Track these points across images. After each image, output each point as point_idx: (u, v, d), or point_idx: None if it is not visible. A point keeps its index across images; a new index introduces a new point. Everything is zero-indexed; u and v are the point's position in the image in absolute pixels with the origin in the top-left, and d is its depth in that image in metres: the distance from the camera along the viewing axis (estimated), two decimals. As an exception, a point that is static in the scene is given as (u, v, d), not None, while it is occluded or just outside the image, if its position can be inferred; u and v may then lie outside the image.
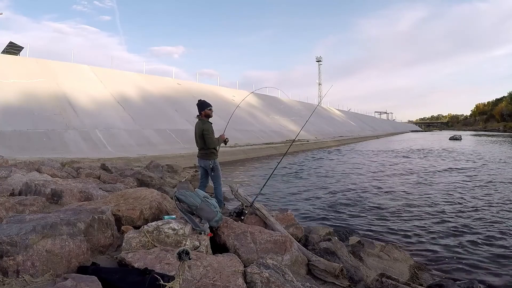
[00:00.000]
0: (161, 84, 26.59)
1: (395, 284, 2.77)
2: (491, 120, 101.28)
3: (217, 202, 3.42)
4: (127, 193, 4.04)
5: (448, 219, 5.89)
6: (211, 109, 4.78)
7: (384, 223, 5.68)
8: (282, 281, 2.40)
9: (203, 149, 4.75)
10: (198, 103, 4.83)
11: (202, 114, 4.76)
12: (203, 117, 4.75)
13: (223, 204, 4.94)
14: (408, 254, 4.21)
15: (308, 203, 7.26)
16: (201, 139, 4.70)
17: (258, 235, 3.20)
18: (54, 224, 2.41)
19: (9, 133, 12.67)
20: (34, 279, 2.11)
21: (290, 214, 4.25)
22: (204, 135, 4.62)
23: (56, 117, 15.20)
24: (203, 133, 4.63)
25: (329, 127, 42.89)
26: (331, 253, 3.50)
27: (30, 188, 4.44)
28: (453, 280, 3.32)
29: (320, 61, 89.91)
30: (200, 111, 4.77)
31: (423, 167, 13.70)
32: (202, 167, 4.89)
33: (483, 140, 39.13)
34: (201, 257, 2.49)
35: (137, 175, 7.48)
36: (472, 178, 10.55)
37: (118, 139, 15.36)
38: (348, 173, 12.10)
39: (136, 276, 2.13)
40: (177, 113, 21.97)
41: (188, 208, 3.11)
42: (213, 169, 4.71)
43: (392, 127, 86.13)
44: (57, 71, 19.60)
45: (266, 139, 23.82)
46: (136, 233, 2.76)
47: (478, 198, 7.60)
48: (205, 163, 4.75)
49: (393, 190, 8.70)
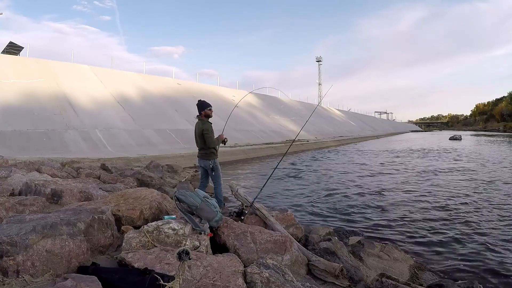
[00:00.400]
0: (161, 84, 26.59)
1: (395, 284, 2.77)
2: (491, 120, 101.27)
3: (217, 202, 3.41)
4: (127, 193, 4.05)
5: (448, 219, 5.89)
6: (211, 109, 4.79)
7: (384, 223, 5.68)
8: (282, 281, 2.40)
9: (203, 149, 4.76)
10: (198, 103, 4.83)
11: (202, 114, 4.77)
12: (203, 117, 4.77)
13: (223, 204, 4.92)
14: (408, 254, 4.21)
15: (308, 203, 7.25)
16: (201, 139, 4.71)
17: (258, 235, 3.20)
18: (54, 224, 2.41)
19: (9, 133, 12.67)
20: (34, 279, 2.11)
21: (290, 214, 4.25)
22: (204, 135, 4.63)
23: (56, 117, 15.20)
24: (203, 133, 4.64)
25: (329, 127, 42.89)
26: (331, 253, 3.50)
27: (30, 188, 4.44)
28: (453, 280, 3.32)
29: (320, 61, 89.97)
30: (200, 111, 4.78)
31: (423, 167, 13.70)
32: (202, 167, 4.89)
33: (483, 140, 39.14)
34: (201, 257, 2.49)
35: (137, 175, 7.48)
36: (472, 178, 10.55)
37: (118, 139, 15.36)
38: (348, 173, 12.10)
39: (136, 276, 2.13)
40: (177, 113, 21.97)
41: (188, 208, 3.11)
42: (213, 169, 4.72)
43: (392, 127, 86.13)
44: (57, 71, 19.60)
45: (266, 139, 23.83)
46: (136, 233, 2.76)
47: (478, 198, 7.60)
48: (205, 163, 4.75)
49: (393, 190, 8.70)
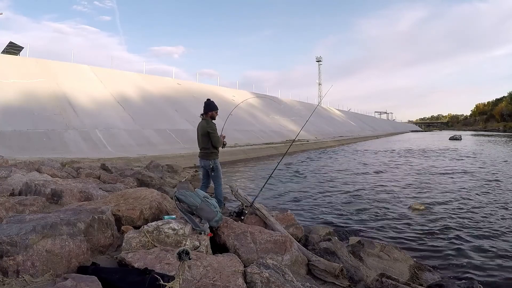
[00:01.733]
0: (161, 84, 26.59)
1: (395, 284, 2.77)
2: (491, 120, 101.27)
3: (217, 202, 3.40)
4: (127, 193, 4.04)
5: (448, 219, 5.88)
6: (217, 112, 4.79)
7: (385, 223, 5.68)
8: (282, 281, 2.40)
9: (204, 149, 4.71)
10: (207, 102, 4.77)
11: (208, 115, 4.72)
12: (208, 117, 4.72)
13: (223, 204, 4.90)
14: (408, 254, 4.21)
15: (308, 203, 7.25)
16: (204, 138, 4.65)
17: (258, 235, 3.20)
18: (54, 224, 2.41)
19: (9, 133, 12.67)
20: (34, 279, 2.11)
21: (290, 214, 4.25)
22: (210, 134, 4.57)
23: (56, 117, 15.20)
24: (208, 132, 4.58)
25: (329, 127, 42.89)
26: (331, 253, 3.49)
27: (30, 188, 4.44)
28: (453, 280, 3.32)
29: (320, 61, 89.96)
30: (207, 111, 4.72)
31: (423, 167, 13.70)
32: (203, 167, 4.85)
33: (483, 140, 39.12)
34: (201, 257, 2.49)
35: (137, 175, 7.48)
36: (472, 177, 10.54)
37: (118, 139, 15.36)
38: (348, 173, 12.10)
39: (136, 276, 2.13)
40: (177, 113, 21.97)
41: (188, 208, 3.11)
42: (213, 169, 4.67)
43: (392, 127, 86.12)
44: (57, 71, 19.60)
45: (266, 139, 23.82)
46: (136, 233, 2.76)
47: (478, 197, 7.60)
48: (206, 163, 4.71)
49: (393, 190, 8.69)
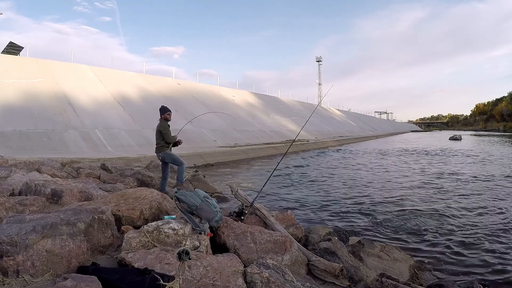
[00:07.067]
0: (161, 84, 26.58)
1: (395, 284, 2.77)
2: (491, 120, 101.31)
3: (177, 180, 4.81)
4: (127, 193, 4.04)
5: (448, 219, 5.88)
6: (169, 114, 6.03)
7: (385, 223, 5.68)
8: (282, 281, 2.39)
9: (157, 143, 5.89)
10: (160, 108, 6.04)
11: (162, 117, 5.96)
12: (162, 120, 5.95)
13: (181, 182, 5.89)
14: (408, 254, 4.21)
15: (308, 203, 7.25)
16: (157, 134, 5.86)
17: (258, 235, 3.20)
18: (54, 224, 2.41)
19: (9, 133, 12.67)
20: (34, 279, 2.11)
21: (290, 214, 4.24)
22: (162, 132, 5.80)
23: (56, 117, 15.20)
24: (160, 130, 5.80)
25: (329, 127, 42.89)
26: (331, 253, 3.49)
27: (30, 188, 4.43)
28: (453, 280, 3.32)
29: (320, 61, 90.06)
30: (161, 114, 5.98)
31: (423, 167, 13.70)
32: (159, 159, 5.99)
33: (483, 140, 39.13)
34: (201, 257, 2.49)
35: (137, 175, 7.46)
36: (472, 177, 10.54)
37: (118, 139, 15.36)
38: (348, 173, 12.10)
39: (136, 276, 2.13)
40: (177, 113, 21.93)
41: (188, 208, 3.11)
42: (163, 159, 5.88)
43: (392, 127, 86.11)
44: (57, 71, 19.60)
45: (266, 139, 23.81)
46: (136, 233, 2.76)
47: (478, 197, 7.59)
48: (158, 155, 5.92)
49: (393, 190, 8.70)
